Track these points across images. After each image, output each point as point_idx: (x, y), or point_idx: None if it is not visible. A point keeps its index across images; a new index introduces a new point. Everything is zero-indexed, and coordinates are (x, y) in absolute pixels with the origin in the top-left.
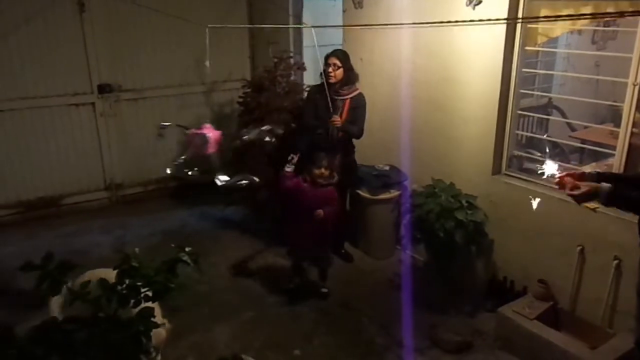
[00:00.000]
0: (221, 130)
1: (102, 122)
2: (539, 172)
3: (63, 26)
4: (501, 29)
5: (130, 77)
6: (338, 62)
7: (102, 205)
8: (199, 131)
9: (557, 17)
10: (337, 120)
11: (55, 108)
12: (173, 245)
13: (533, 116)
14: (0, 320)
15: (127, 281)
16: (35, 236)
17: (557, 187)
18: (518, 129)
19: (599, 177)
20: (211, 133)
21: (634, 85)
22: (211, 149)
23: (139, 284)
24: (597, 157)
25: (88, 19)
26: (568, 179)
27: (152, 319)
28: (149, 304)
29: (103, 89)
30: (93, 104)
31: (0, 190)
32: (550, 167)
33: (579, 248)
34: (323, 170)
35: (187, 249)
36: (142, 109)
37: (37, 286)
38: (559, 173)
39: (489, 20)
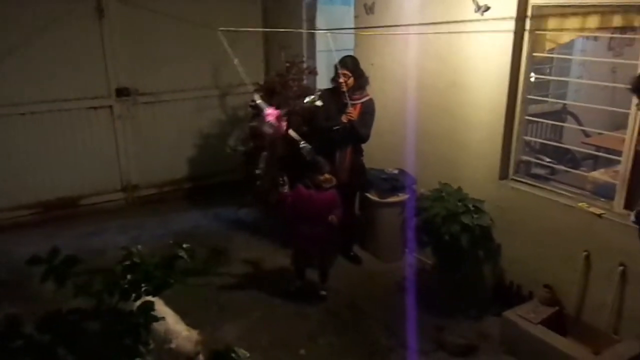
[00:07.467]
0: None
1: (119, 125)
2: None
3: (83, 32)
4: (509, 36)
5: (148, 81)
6: (348, 73)
7: (118, 206)
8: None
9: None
10: (352, 112)
11: (74, 111)
12: (171, 241)
13: (545, 122)
14: (9, 312)
15: (129, 276)
16: (54, 236)
17: None
18: (531, 135)
19: None
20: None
21: None
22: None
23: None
24: (609, 164)
25: (107, 24)
26: None
27: (152, 312)
28: (149, 298)
29: (121, 92)
30: (111, 107)
31: (20, 190)
32: None
33: (584, 254)
34: (327, 175)
35: (184, 245)
36: (159, 112)
37: (43, 280)
38: None
39: (499, 18)
